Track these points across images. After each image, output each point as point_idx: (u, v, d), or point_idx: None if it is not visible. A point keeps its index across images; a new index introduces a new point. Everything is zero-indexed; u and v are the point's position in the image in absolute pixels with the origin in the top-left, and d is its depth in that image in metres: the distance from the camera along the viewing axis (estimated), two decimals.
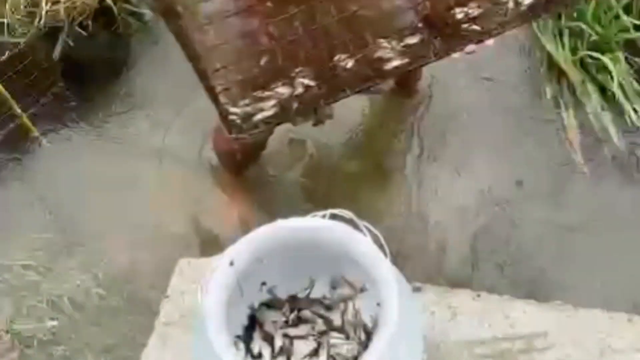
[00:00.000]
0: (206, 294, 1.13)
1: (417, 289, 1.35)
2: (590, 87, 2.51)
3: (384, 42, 1.16)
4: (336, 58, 1.14)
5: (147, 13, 2.74)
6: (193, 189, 2.30)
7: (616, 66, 2.41)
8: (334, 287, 1.29)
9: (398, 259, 1.20)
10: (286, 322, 1.28)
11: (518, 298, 1.36)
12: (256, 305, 1.29)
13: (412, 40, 1.17)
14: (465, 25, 1.19)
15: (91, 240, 2.23)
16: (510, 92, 2.51)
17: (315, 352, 1.23)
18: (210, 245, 2.09)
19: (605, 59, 2.44)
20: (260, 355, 1.23)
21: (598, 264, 2.04)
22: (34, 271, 2.19)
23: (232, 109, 1.14)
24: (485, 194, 2.26)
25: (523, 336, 1.29)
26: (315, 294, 1.29)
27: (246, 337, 1.25)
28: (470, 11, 1.18)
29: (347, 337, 1.22)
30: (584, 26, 2.51)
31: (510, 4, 1.19)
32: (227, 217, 2.17)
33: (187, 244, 2.15)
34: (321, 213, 1.22)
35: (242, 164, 2.13)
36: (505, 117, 2.44)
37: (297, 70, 1.14)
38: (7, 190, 2.39)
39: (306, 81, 1.15)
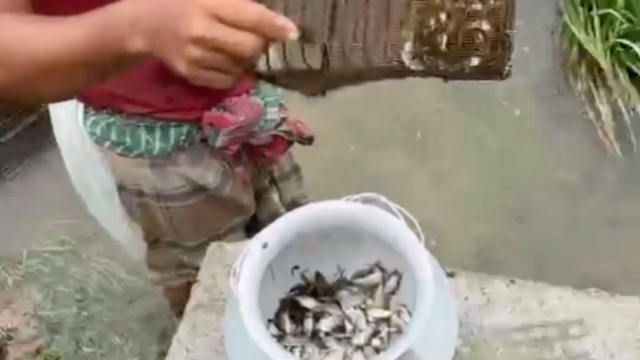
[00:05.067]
0: (239, 277, 1.12)
1: (450, 275, 1.33)
2: (621, 75, 2.48)
3: None
4: None
5: None
6: None
7: None
8: (365, 271, 1.27)
9: (431, 244, 1.19)
10: (317, 307, 1.27)
11: (553, 285, 1.33)
12: (288, 289, 1.27)
13: None
14: None
15: None
16: (541, 81, 2.49)
17: (348, 340, 1.22)
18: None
19: (637, 47, 2.41)
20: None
21: (634, 252, 2.02)
22: (60, 257, 2.20)
23: None
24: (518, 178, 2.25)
25: (558, 323, 1.27)
26: (347, 277, 1.28)
27: (278, 322, 1.24)
28: None
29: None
30: (615, 13, 2.49)
31: None
32: None
33: None
34: (354, 197, 1.21)
35: None
36: (537, 105, 2.42)
37: None
38: (34, 177, 2.40)
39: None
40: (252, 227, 1.60)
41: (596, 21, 2.54)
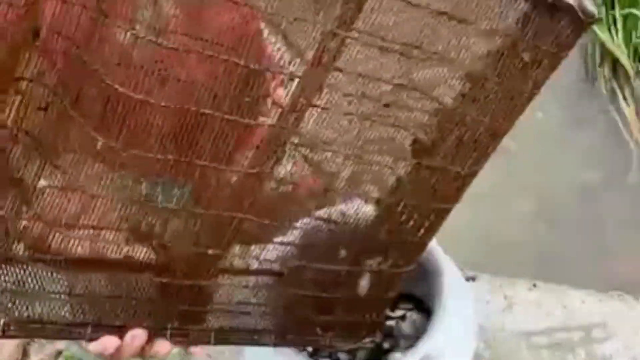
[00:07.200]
0: None
1: (471, 278, 1.32)
2: None
3: None
4: None
5: None
6: None
7: None
8: None
9: (452, 248, 1.17)
10: None
11: (576, 288, 1.32)
12: None
13: None
14: None
15: None
16: (563, 82, 2.46)
17: None
18: None
19: None
20: None
21: None
22: None
23: None
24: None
25: (581, 327, 1.26)
26: None
27: None
28: None
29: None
30: (638, 13, 2.46)
31: None
32: None
33: None
34: None
35: None
36: (559, 106, 2.40)
37: None
38: None
39: None
40: None
41: (619, 21, 2.51)
